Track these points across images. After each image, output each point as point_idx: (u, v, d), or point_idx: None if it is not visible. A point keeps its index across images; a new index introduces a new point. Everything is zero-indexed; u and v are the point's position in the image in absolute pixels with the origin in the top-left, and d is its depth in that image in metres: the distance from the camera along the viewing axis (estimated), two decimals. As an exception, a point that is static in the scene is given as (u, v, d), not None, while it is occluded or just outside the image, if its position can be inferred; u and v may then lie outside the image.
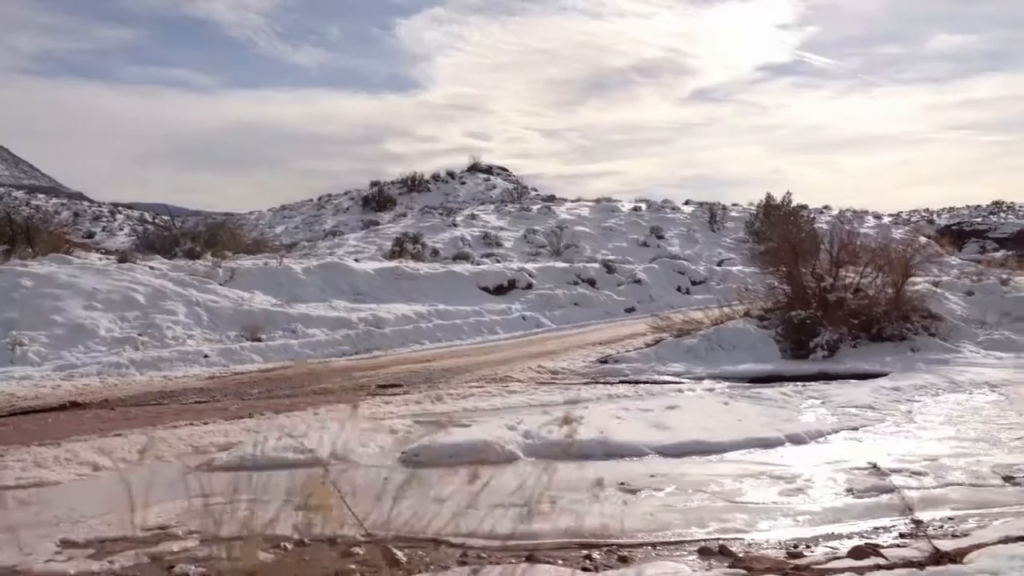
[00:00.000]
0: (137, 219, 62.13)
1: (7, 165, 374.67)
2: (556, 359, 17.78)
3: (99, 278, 18.73)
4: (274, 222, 62.97)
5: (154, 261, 22.42)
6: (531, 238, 39.00)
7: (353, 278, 23.56)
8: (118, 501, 6.77)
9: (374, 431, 9.51)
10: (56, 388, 13.30)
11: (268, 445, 8.41)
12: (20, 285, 17.43)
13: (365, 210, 57.91)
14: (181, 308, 18.50)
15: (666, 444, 8.78)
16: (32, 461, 7.73)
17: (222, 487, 7.24)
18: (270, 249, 32.62)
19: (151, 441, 8.78)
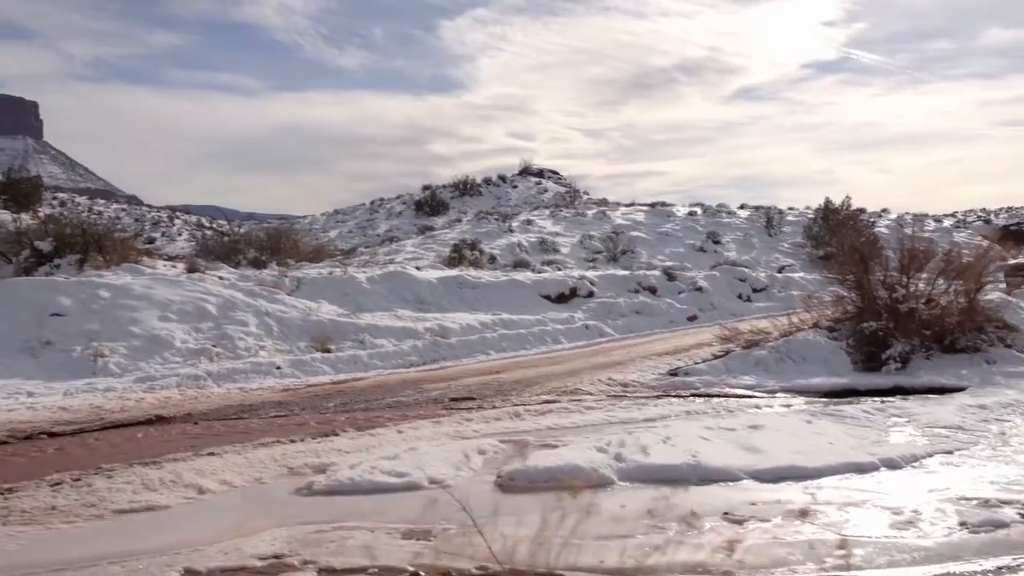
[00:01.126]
0: (194, 224, 63.20)
1: (64, 169, 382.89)
2: (624, 371, 17.71)
3: (172, 289, 19.05)
4: (328, 226, 63.58)
5: (222, 271, 22.76)
6: (587, 244, 38.93)
7: (417, 287, 23.69)
8: (229, 527, 6.92)
9: (462, 452, 9.53)
10: (140, 401, 13.56)
11: (363, 468, 8.47)
12: (99, 296, 17.80)
13: (418, 214, 58.25)
14: (252, 319, 18.75)
15: (760, 469, 8.69)
16: (140, 483, 7.88)
17: (326, 513, 7.36)
18: (329, 255, 32.93)
19: (246, 463, 8.89)
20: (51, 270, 24.53)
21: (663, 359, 19.23)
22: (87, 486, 7.80)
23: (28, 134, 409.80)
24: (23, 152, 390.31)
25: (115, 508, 7.19)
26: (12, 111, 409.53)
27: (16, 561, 6.06)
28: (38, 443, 10.52)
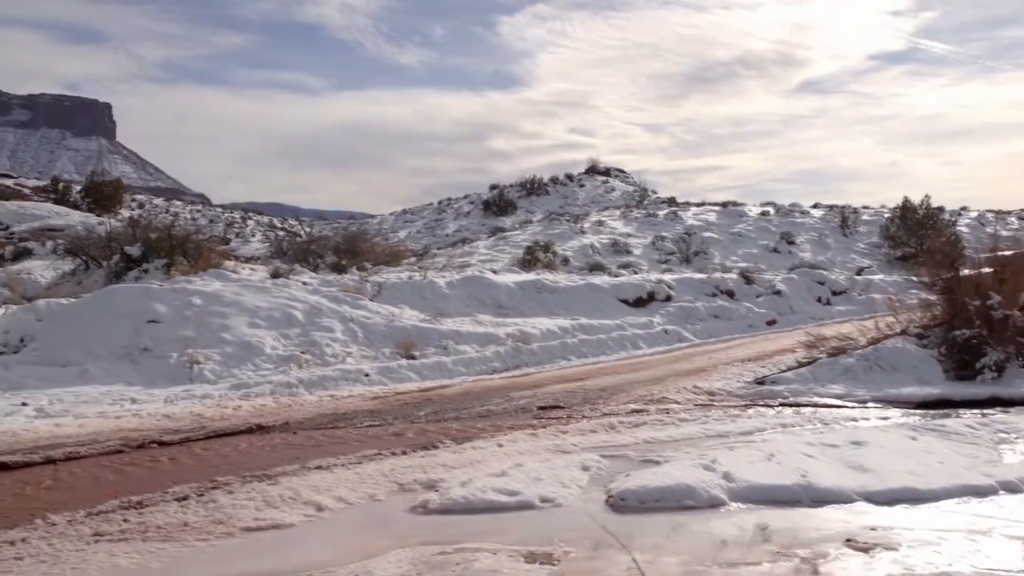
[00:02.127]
0: (266, 225, 64.29)
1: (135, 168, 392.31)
2: (709, 378, 17.59)
3: (260, 295, 19.43)
4: (396, 226, 64.18)
5: (304, 276, 23.15)
6: (659, 245, 38.70)
7: (495, 291, 23.81)
8: (354, 547, 7.05)
9: (566, 467, 9.57)
10: (237, 409, 13.86)
11: (475, 486, 8.55)
12: (192, 303, 18.23)
13: (486, 214, 58.49)
14: (337, 325, 19.04)
15: (873, 490, 8.55)
16: (262, 499, 8.06)
17: (446, 533, 7.45)
18: (403, 257, 33.26)
19: (358, 479, 9.04)
20: (140, 275, 25.30)
21: (746, 366, 19.05)
22: (212, 502, 8.00)
23: (102, 135, 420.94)
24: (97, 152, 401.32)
25: (243, 526, 7.36)
26: (88, 113, 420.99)
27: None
28: (150, 452, 10.84)
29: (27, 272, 27.20)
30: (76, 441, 11.20)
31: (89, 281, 25.62)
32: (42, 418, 12.94)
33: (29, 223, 40.44)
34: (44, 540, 6.91)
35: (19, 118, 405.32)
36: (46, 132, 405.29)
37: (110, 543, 6.89)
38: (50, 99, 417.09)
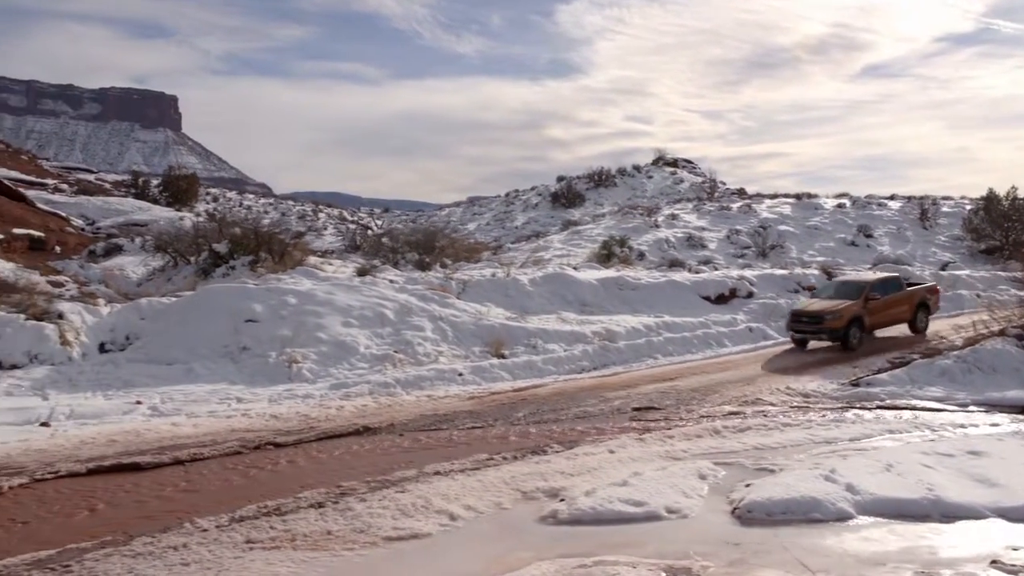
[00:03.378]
0: (337, 217, 65.05)
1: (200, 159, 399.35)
2: (800, 379, 17.44)
3: (351, 294, 19.74)
4: (465, 218, 64.51)
5: (390, 273, 23.44)
6: (734, 239, 38.34)
7: (578, 289, 23.86)
8: (495, 558, 7.19)
9: (683, 476, 9.60)
10: (340, 409, 14.14)
11: (600, 496, 8.64)
12: (287, 303, 18.61)
13: (554, 206, 58.47)
14: (427, 324, 19.27)
15: (1005, 506, 8.44)
16: (396, 508, 8.26)
17: (581, 545, 7.55)
18: (479, 252, 33.46)
19: (482, 487, 9.18)
20: (227, 271, 25.85)
21: (836, 367, 18.84)
22: (349, 509, 8.23)
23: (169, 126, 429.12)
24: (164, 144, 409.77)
25: (383, 535, 7.56)
26: (155, 105, 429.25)
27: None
28: (268, 454, 11.12)
29: (119, 268, 27.97)
30: (196, 442, 11.55)
31: (178, 277, 26.25)
32: (157, 417, 13.36)
33: (114, 218, 41.53)
34: (203, 546, 7.19)
35: (90, 111, 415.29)
36: (116, 125, 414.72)
37: (264, 551, 7.14)
38: (120, 92, 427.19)
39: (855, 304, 20.96)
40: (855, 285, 22.03)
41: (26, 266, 24.23)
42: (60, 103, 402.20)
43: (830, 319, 20.51)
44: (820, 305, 21.17)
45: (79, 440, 11.34)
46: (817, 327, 20.71)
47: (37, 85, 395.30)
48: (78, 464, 10.14)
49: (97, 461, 10.29)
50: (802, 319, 21.01)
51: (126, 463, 10.28)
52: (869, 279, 22.47)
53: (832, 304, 20.98)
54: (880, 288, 21.90)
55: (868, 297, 21.25)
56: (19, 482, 9.32)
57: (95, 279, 26.25)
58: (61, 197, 45.46)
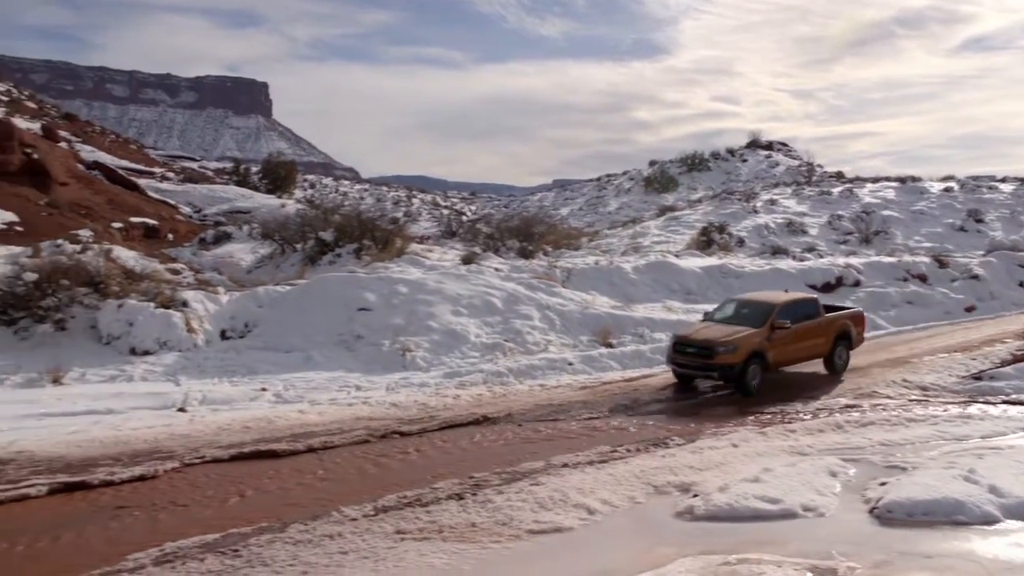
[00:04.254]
0: (431, 203, 65.75)
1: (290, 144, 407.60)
2: (917, 370, 17.09)
3: (460, 283, 20.03)
4: (557, 203, 64.56)
5: (493, 261, 23.67)
6: (836, 224, 37.48)
7: (681, 277, 23.73)
8: (639, 554, 7.29)
9: (814, 473, 9.55)
10: (456, 398, 14.39)
11: (734, 493, 8.67)
12: (398, 292, 18.99)
13: (647, 191, 58.08)
14: (535, 312, 19.43)
15: None
16: (534, 501, 8.44)
17: (721, 542, 7.60)
18: (577, 238, 33.47)
19: (614, 480, 9.29)
20: (333, 259, 26.44)
21: (954, 357, 18.37)
22: (488, 501, 8.44)
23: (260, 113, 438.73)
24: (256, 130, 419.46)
25: (526, 528, 7.74)
26: (247, 92, 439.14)
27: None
28: (395, 443, 11.43)
29: (230, 256, 28.83)
30: (324, 430, 11.92)
31: (286, 264, 26.94)
32: (282, 404, 13.83)
33: (219, 205, 42.74)
34: (356, 535, 7.48)
35: (187, 100, 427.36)
36: (211, 112, 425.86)
37: (415, 542, 7.39)
38: (214, 80, 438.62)
39: (758, 333, 15.77)
40: (759, 307, 16.68)
41: (145, 254, 25.18)
42: (159, 92, 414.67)
43: (724, 352, 15.25)
44: (712, 332, 15.95)
45: (216, 426, 11.83)
46: (706, 362, 15.43)
47: (139, 75, 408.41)
48: (220, 450, 10.59)
49: (237, 448, 10.73)
50: (687, 349, 15.80)
51: (264, 450, 10.69)
52: (778, 300, 16.96)
53: (728, 332, 15.77)
54: (790, 312, 16.51)
55: (775, 324, 16.05)
56: (171, 466, 9.80)
57: (208, 266, 27.13)
58: (168, 185, 46.95)
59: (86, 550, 7.30)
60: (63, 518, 8.16)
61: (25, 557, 7.22)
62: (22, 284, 17.32)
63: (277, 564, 6.83)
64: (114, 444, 10.68)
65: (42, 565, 7.00)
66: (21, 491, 8.74)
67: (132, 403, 13.39)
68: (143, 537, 7.63)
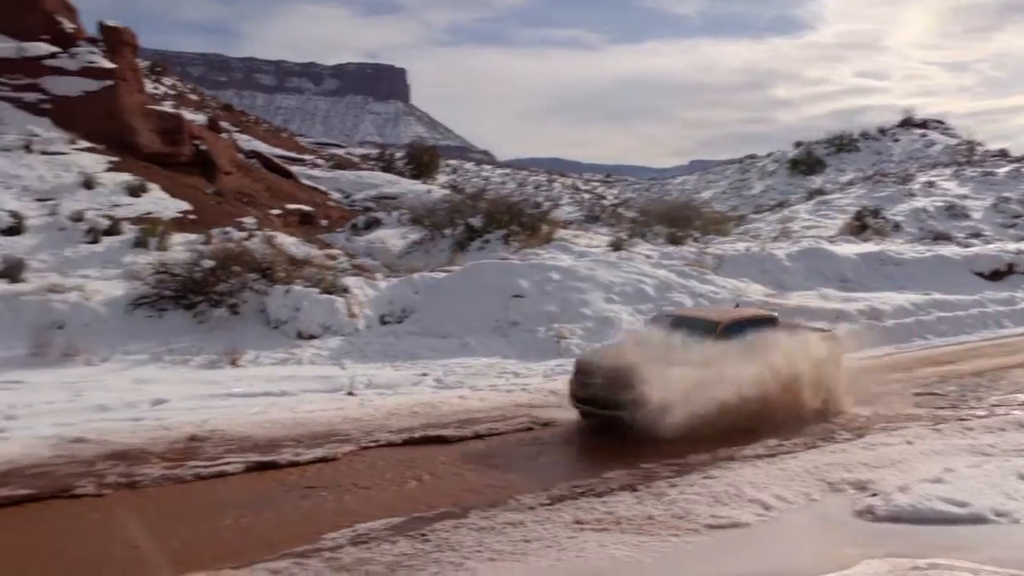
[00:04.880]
0: (571, 187, 65.79)
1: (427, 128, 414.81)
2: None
3: (611, 270, 20.05)
4: (699, 187, 63.55)
5: (643, 247, 23.59)
6: (1003, 207, 35.46)
7: (836, 263, 23.07)
8: (820, 553, 7.19)
9: (1000, 475, 9.16)
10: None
11: (917, 493, 8.42)
12: (550, 279, 19.17)
13: (792, 173, 56.43)
14: (687, 300, 19.28)
15: None
16: (709, 495, 8.45)
17: (907, 545, 7.40)
18: (724, 223, 32.89)
19: (785, 476, 9.17)
20: (482, 245, 26.87)
21: None
22: (663, 494, 8.49)
23: (398, 98, 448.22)
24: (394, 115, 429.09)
25: (704, 523, 7.76)
26: (386, 78, 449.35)
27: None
28: (557, 430, 11.60)
29: (381, 241, 29.68)
30: (487, 416, 12.17)
31: (436, 250, 27.53)
32: (444, 389, 14.23)
33: (367, 191, 44.00)
34: (537, 524, 7.66)
35: (329, 87, 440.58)
36: (351, 98, 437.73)
37: (594, 532, 7.52)
38: (354, 67, 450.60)
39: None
40: (698, 325, 12.70)
41: (303, 240, 26.22)
42: (304, 80, 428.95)
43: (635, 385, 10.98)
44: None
45: (386, 410, 12.27)
46: (613, 398, 11.17)
47: (284, 65, 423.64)
48: (392, 434, 11.00)
49: (408, 432, 11.12)
50: (594, 381, 11.75)
51: (433, 436, 11.04)
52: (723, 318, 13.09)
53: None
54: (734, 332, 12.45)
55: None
56: (349, 449, 10.26)
57: (361, 252, 28.03)
58: (318, 172, 48.62)
59: (285, 527, 7.76)
60: (259, 496, 8.68)
61: (235, 531, 7.75)
62: (199, 270, 18.39)
63: (464, 550, 7.08)
64: (294, 426, 11.24)
65: (250, 539, 7.49)
66: (220, 468, 9.36)
67: (303, 386, 14.06)
68: (333, 517, 8.04)
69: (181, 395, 13.14)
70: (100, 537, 7.64)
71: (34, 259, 20.08)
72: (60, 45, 29.50)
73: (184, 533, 7.67)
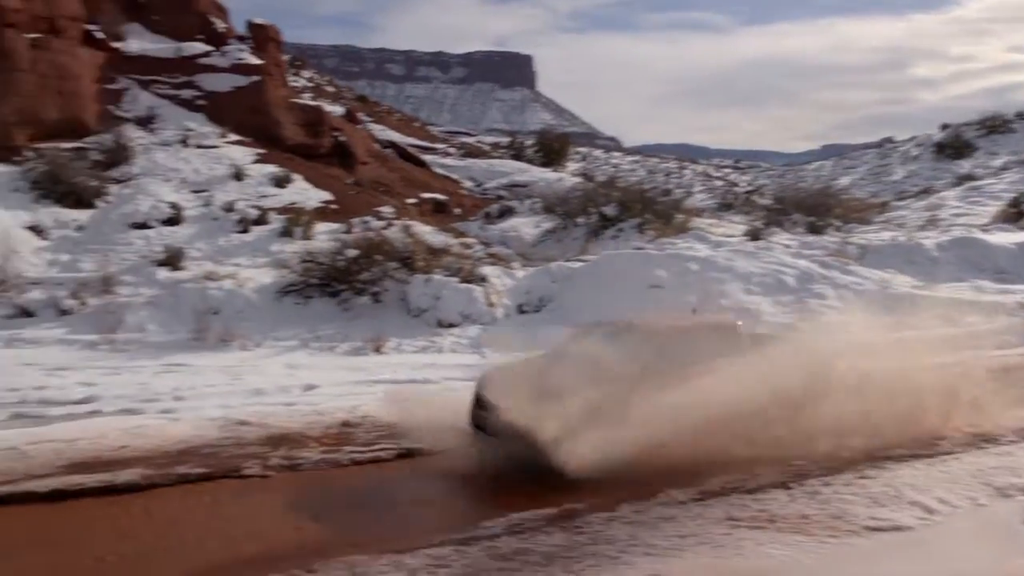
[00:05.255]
0: (702, 174, 64.69)
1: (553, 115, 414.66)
2: None
3: (750, 261, 19.69)
4: (836, 172, 61.45)
5: (781, 237, 23.05)
6: None
7: (991, 254, 21.95)
8: (992, 561, 6.90)
9: None
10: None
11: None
12: (689, 269, 18.98)
13: (938, 157, 53.85)
14: (829, 291, 18.75)
15: None
16: (866, 495, 8.22)
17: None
18: (866, 212, 31.76)
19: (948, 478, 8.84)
20: (616, 234, 26.78)
21: None
22: (816, 493, 8.32)
23: (525, 85, 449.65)
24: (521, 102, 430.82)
25: (863, 524, 7.56)
26: (513, 66, 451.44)
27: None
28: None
29: (514, 230, 29.94)
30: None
31: (569, 239, 27.60)
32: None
33: (498, 179, 44.45)
34: (690, 520, 7.63)
35: (457, 75, 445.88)
36: (479, 86, 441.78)
37: (748, 530, 7.44)
38: (482, 56, 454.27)
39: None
40: (635, 335, 10.36)
41: (438, 229, 26.72)
42: (432, 69, 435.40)
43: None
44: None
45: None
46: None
47: (414, 54, 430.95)
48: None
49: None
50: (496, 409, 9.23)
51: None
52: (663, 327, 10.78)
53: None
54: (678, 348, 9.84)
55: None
56: (497, 439, 10.40)
57: (495, 240, 28.36)
58: (450, 160, 49.38)
59: (442, 513, 8.00)
60: (412, 481, 8.97)
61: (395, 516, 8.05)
62: (343, 259, 19.02)
63: (620, 543, 7.12)
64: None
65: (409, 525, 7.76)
66: (375, 454, 9.71)
67: (445, 373, 14.38)
68: (484, 506, 8.22)
69: (330, 381, 13.68)
70: (270, 517, 8.07)
71: (192, 248, 21.24)
72: (213, 44, 31.05)
73: (345, 517, 8.02)
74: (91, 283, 18.65)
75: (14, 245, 19.86)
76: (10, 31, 25.54)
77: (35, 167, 23.55)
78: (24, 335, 16.76)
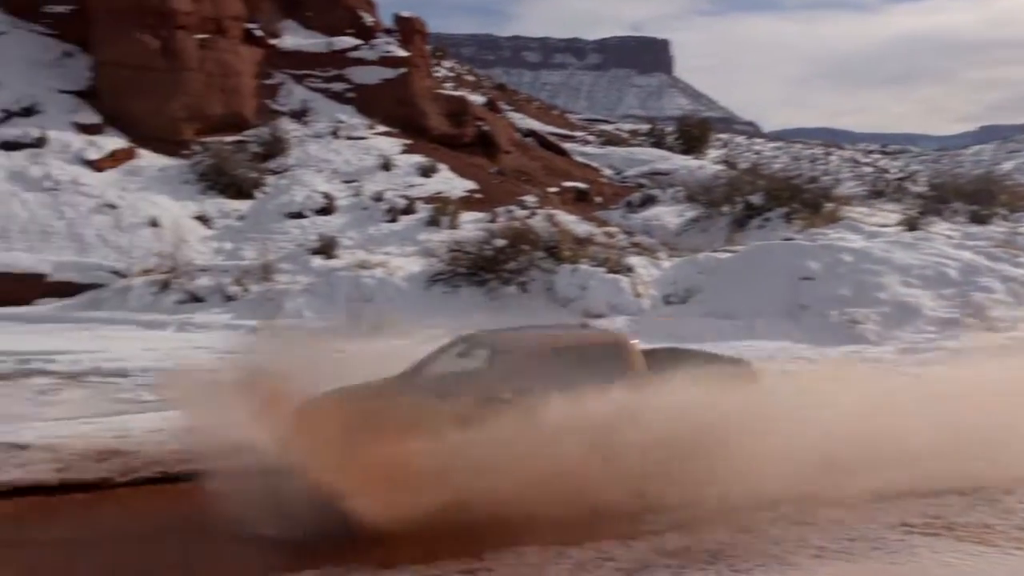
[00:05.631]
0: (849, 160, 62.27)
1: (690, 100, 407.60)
2: None
3: (908, 252, 18.88)
4: (998, 157, 58.13)
5: (941, 227, 22.03)
6: None
7: None
8: None
9: None
10: (917, 377, 13.61)
11: None
12: (842, 261, 18.34)
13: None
14: (997, 285, 17.80)
15: None
16: None
17: None
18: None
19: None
20: (762, 224, 26.15)
21: None
22: (996, 501, 7.96)
23: (662, 70, 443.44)
24: (658, 88, 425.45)
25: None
26: (649, 51, 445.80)
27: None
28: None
29: (656, 219, 29.68)
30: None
31: (713, 228, 27.12)
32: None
33: (638, 167, 44.04)
34: (861, 523, 7.40)
35: (592, 62, 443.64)
36: (615, 72, 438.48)
37: (923, 536, 7.16)
38: (617, 41, 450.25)
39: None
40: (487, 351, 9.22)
41: (581, 218, 26.75)
42: (567, 56, 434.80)
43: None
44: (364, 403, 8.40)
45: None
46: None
47: (549, 41, 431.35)
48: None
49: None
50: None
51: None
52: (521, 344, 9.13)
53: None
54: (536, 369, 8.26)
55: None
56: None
57: (637, 229, 28.17)
58: (590, 148, 49.24)
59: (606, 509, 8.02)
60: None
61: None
62: (489, 248, 19.29)
63: (787, 544, 7.00)
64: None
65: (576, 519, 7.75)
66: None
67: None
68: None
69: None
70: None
71: (344, 237, 21.99)
72: (361, 37, 32.00)
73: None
74: (252, 270, 19.59)
75: (184, 234, 21.08)
76: (181, 33, 27.11)
77: (201, 160, 24.93)
78: (195, 319, 17.78)
